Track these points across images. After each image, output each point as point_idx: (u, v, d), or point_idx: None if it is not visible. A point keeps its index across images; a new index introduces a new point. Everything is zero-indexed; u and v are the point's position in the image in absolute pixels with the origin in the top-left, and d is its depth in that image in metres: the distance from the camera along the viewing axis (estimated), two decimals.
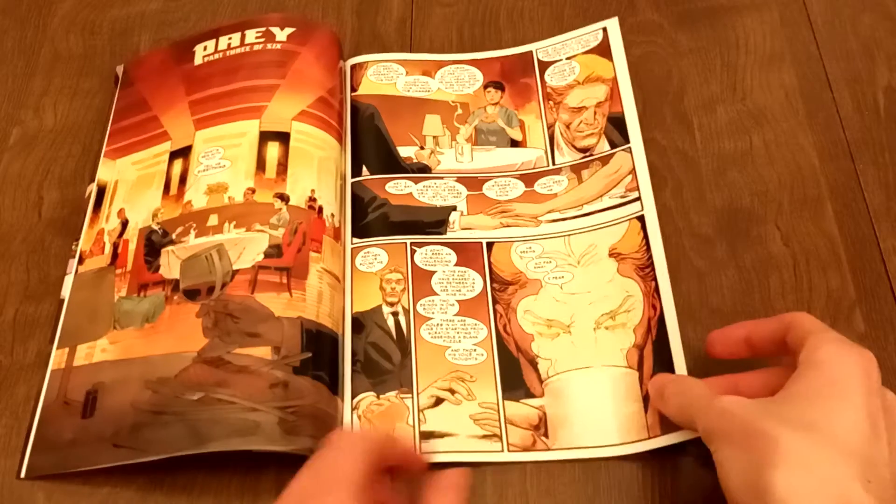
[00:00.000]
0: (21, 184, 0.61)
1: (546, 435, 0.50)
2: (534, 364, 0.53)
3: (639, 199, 0.57)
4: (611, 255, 0.55)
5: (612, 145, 0.60)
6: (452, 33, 0.67)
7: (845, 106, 0.62)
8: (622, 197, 0.57)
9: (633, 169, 0.58)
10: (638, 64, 0.65)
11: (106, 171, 0.60)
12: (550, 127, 0.62)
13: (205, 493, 0.49)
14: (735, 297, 0.54)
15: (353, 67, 0.65)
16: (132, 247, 0.56)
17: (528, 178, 0.60)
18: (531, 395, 0.52)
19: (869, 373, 0.42)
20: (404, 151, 0.61)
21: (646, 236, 0.55)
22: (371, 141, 0.62)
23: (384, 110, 0.63)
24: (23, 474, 0.50)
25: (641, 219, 0.56)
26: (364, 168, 0.60)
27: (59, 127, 0.64)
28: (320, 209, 0.56)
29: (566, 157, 0.61)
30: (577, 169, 0.60)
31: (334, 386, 0.51)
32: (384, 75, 0.64)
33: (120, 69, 0.65)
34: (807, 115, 0.62)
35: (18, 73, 0.66)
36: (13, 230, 0.59)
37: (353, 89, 0.64)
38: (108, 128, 0.62)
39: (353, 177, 0.60)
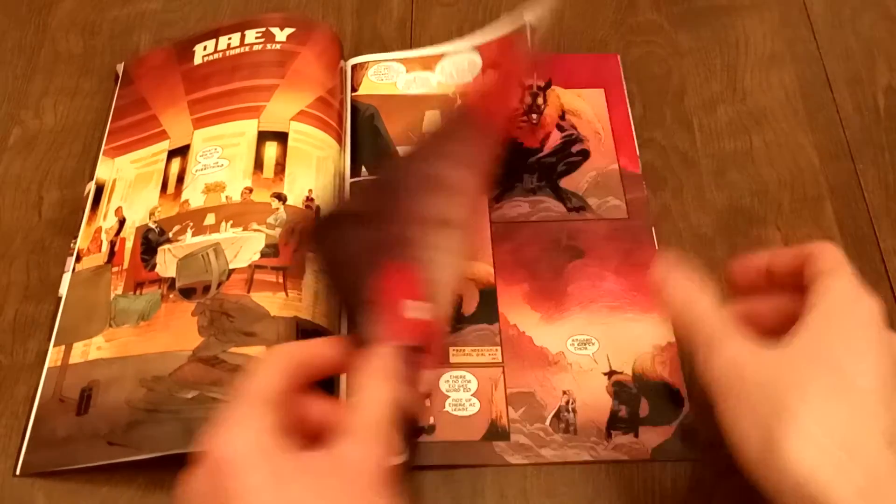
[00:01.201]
0: (21, 184, 0.61)
1: None
2: None
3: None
4: None
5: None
6: (452, 33, 0.67)
7: (845, 106, 0.62)
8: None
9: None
10: (638, 64, 0.65)
11: (104, 169, 0.60)
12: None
13: None
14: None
15: (354, 67, 0.65)
16: (129, 245, 0.56)
17: None
18: None
19: (880, 318, 0.39)
20: (404, 151, 0.61)
21: None
22: (370, 141, 0.62)
23: (384, 110, 0.63)
24: (18, 471, 0.50)
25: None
26: (363, 168, 0.60)
27: (59, 127, 0.64)
28: (317, 209, 0.56)
29: None
30: None
31: (329, 385, 0.51)
32: (385, 75, 0.64)
33: (120, 68, 0.65)
34: (807, 115, 0.62)
35: (18, 73, 0.66)
36: (13, 230, 0.59)
37: (354, 89, 0.64)
38: (108, 126, 0.62)
39: (351, 177, 0.60)
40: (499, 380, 0.52)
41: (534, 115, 0.62)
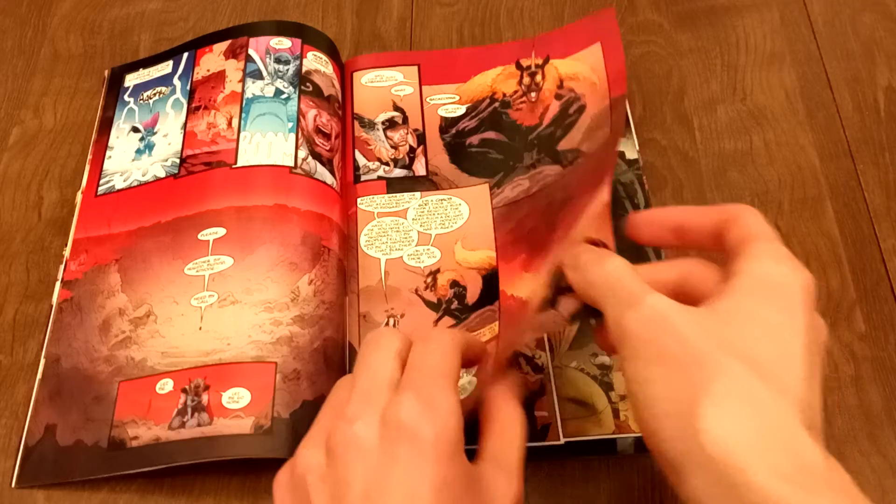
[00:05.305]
0: (21, 184, 0.61)
1: None
2: None
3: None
4: None
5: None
6: (452, 33, 0.67)
7: (845, 106, 0.62)
8: None
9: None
10: (638, 64, 0.65)
11: None
12: None
13: (204, 494, 0.49)
14: None
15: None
16: None
17: None
18: None
19: (811, 294, 0.36)
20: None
21: None
22: None
23: None
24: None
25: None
26: None
27: (59, 127, 0.64)
28: None
29: None
30: None
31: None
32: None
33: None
34: (807, 115, 0.62)
35: (18, 73, 0.66)
36: (13, 230, 0.59)
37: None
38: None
39: None
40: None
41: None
